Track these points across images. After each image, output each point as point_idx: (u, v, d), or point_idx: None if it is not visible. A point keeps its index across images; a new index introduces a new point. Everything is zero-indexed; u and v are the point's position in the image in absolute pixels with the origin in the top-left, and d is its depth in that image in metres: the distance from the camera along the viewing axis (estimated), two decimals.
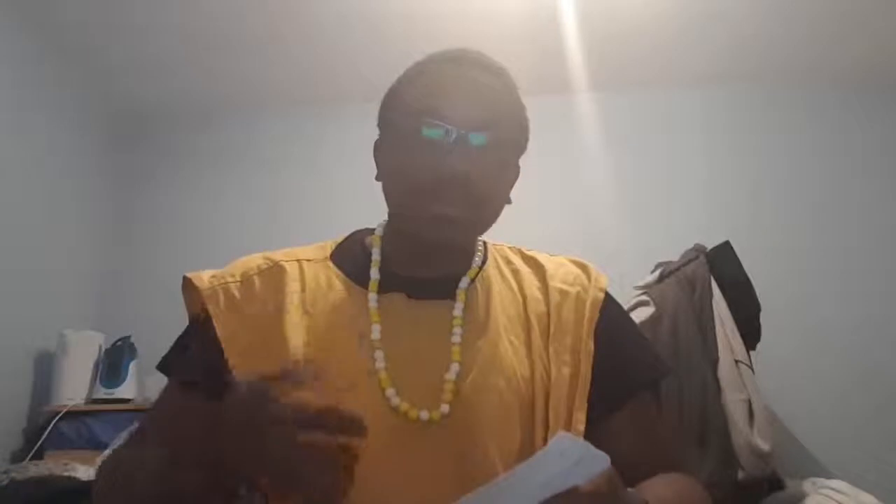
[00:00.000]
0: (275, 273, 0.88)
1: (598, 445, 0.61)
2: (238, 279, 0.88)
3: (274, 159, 2.92)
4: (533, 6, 2.35)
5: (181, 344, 0.90)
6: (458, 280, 0.87)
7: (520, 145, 0.89)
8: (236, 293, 0.86)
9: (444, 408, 0.78)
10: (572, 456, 0.60)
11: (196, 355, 0.86)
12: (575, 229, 2.58)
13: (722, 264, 2.08)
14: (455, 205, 0.80)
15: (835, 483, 1.83)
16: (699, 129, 2.82)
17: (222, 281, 0.87)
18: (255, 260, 0.90)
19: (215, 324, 0.84)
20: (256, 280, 0.87)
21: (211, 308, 0.85)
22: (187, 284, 0.89)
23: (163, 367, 0.89)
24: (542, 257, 0.95)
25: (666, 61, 2.69)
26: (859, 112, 2.77)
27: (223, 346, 0.82)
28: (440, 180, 0.80)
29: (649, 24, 2.45)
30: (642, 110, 2.82)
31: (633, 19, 2.43)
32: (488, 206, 0.85)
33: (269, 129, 2.95)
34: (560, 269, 0.93)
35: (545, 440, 0.79)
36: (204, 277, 0.88)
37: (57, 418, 2.20)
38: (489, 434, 0.78)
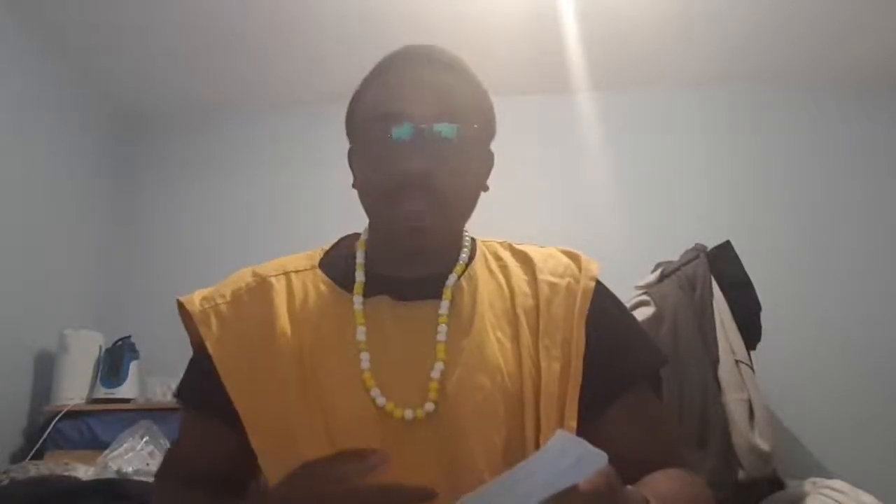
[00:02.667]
0: (263, 289, 0.89)
1: (597, 438, 0.61)
2: (228, 299, 0.90)
3: (274, 159, 2.92)
4: (533, 6, 2.34)
5: (189, 371, 0.93)
6: (444, 278, 0.87)
7: (485, 132, 0.89)
8: (227, 313, 0.88)
9: (429, 406, 0.79)
10: (571, 455, 0.60)
11: (198, 382, 0.89)
12: (575, 229, 2.57)
13: (722, 264, 2.08)
14: (423, 203, 0.80)
15: (835, 483, 1.83)
16: (699, 128, 2.82)
17: (213, 303, 0.89)
18: (244, 277, 0.92)
19: (208, 346, 0.86)
20: (245, 297, 0.89)
21: (203, 331, 0.87)
22: (180, 308, 0.91)
23: (177, 394, 0.94)
24: (531, 250, 0.94)
25: (666, 61, 2.69)
26: (859, 112, 2.77)
27: (218, 367, 0.85)
28: (404, 180, 0.80)
29: (649, 24, 2.45)
30: (642, 110, 2.82)
31: (633, 19, 2.43)
32: (459, 199, 0.85)
33: (269, 129, 2.95)
34: (549, 260, 0.92)
35: (536, 436, 0.79)
36: (196, 300, 0.90)
37: (57, 418, 2.20)
38: (474, 432, 0.78)
